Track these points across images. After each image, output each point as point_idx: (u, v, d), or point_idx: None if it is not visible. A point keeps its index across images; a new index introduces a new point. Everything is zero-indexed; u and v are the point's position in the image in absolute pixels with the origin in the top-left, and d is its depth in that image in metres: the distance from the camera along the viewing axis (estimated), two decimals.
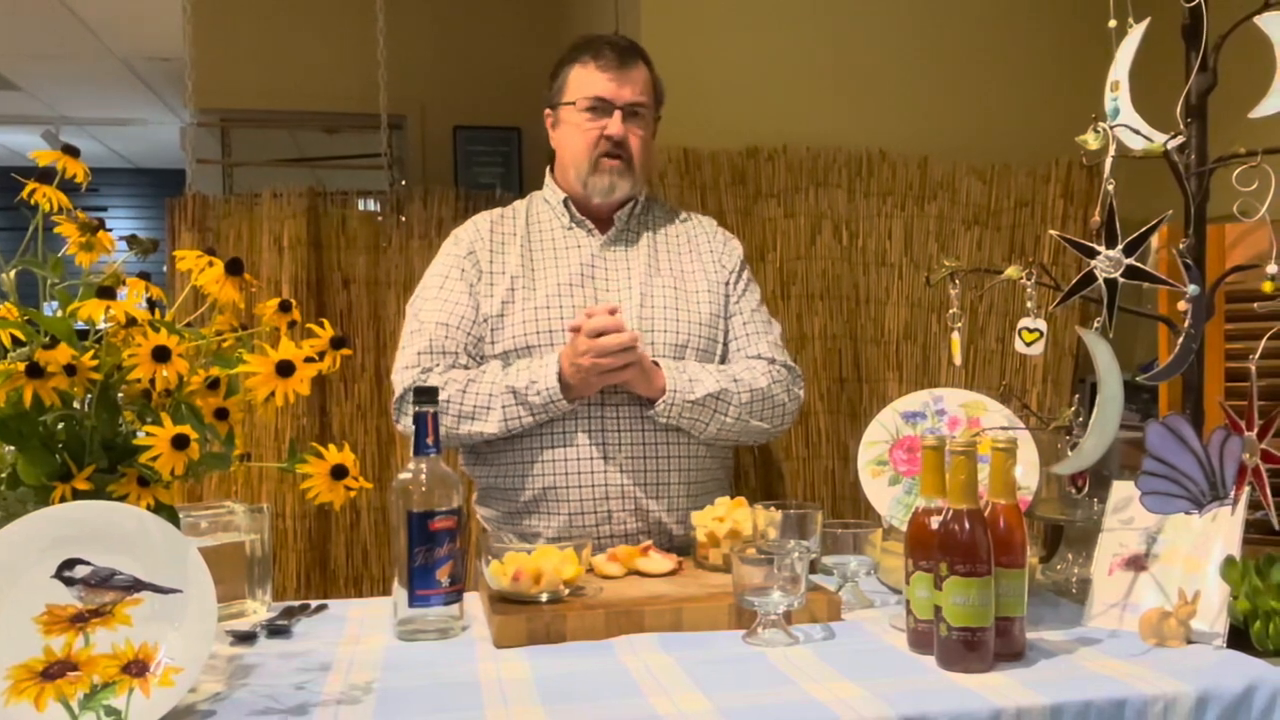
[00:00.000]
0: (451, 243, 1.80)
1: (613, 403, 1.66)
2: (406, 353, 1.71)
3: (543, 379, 1.60)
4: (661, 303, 1.73)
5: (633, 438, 1.65)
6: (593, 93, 1.72)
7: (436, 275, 1.76)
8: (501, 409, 1.62)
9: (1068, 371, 2.66)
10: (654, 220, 1.84)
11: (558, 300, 1.70)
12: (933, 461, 1.19)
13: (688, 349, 1.73)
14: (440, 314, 1.70)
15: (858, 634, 1.27)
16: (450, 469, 1.29)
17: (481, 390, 1.63)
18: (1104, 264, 1.29)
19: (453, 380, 1.65)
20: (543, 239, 1.79)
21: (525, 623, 1.23)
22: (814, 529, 1.36)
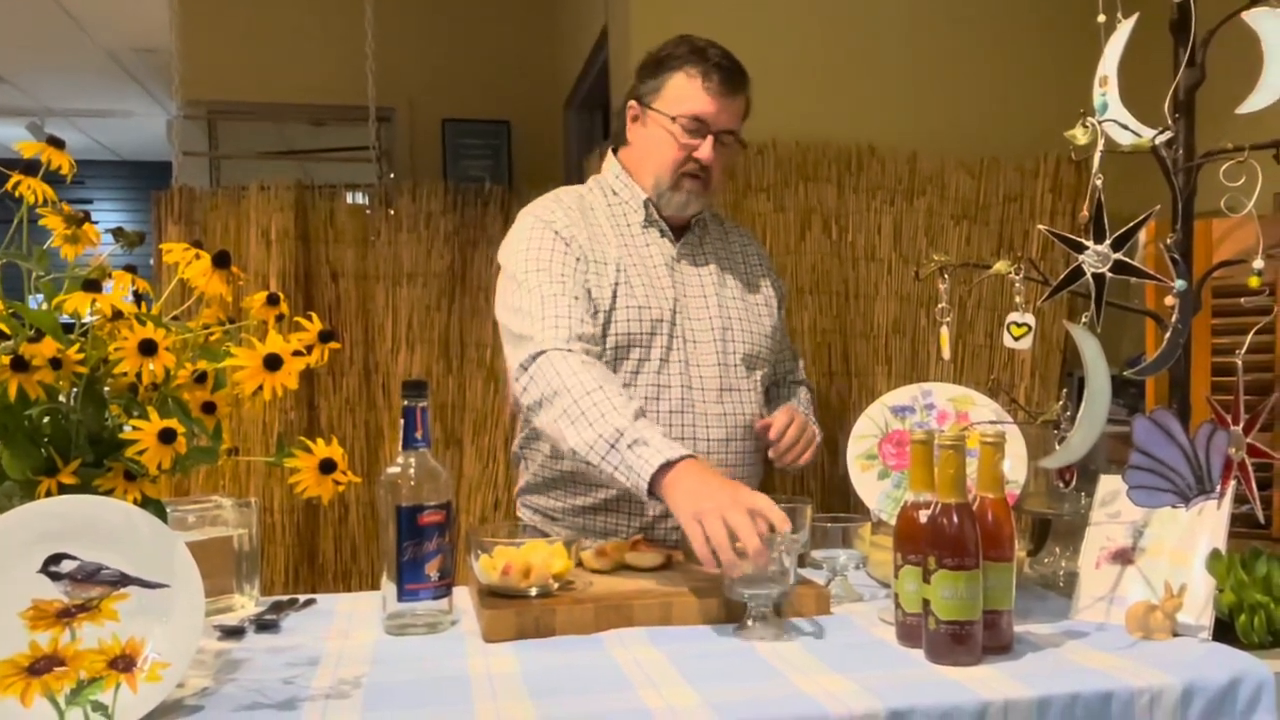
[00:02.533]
0: (544, 215, 1.66)
1: (701, 406, 1.66)
2: (544, 312, 1.55)
3: (651, 454, 1.35)
4: (736, 314, 1.74)
5: (719, 446, 1.67)
6: (693, 111, 1.65)
7: (541, 248, 1.62)
8: (597, 435, 1.40)
9: (1056, 366, 2.67)
10: (710, 229, 1.82)
11: (654, 299, 1.66)
12: (921, 455, 1.19)
13: (757, 360, 1.74)
14: (565, 284, 1.58)
15: (846, 627, 1.27)
16: (439, 464, 1.29)
17: (601, 406, 1.42)
18: (1092, 259, 1.29)
19: (589, 371, 1.47)
20: (620, 232, 1.71)
21: (514, 617, 1.23)
22: (803, 523, 1.36)
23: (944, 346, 1.45)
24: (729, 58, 1.69)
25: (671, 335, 1.67)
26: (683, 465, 1.34)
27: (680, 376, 1.66)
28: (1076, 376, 2.60)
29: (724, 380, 1.69)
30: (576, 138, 4.17)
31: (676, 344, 1.67)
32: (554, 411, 1.46)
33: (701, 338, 1.69)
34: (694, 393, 1.66)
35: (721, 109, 1.66)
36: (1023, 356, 2.63)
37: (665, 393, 1.65)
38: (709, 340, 1.69)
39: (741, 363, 1.72)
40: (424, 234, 2.89)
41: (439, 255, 2.89)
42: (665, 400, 1.65)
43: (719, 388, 1.68)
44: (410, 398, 1.28)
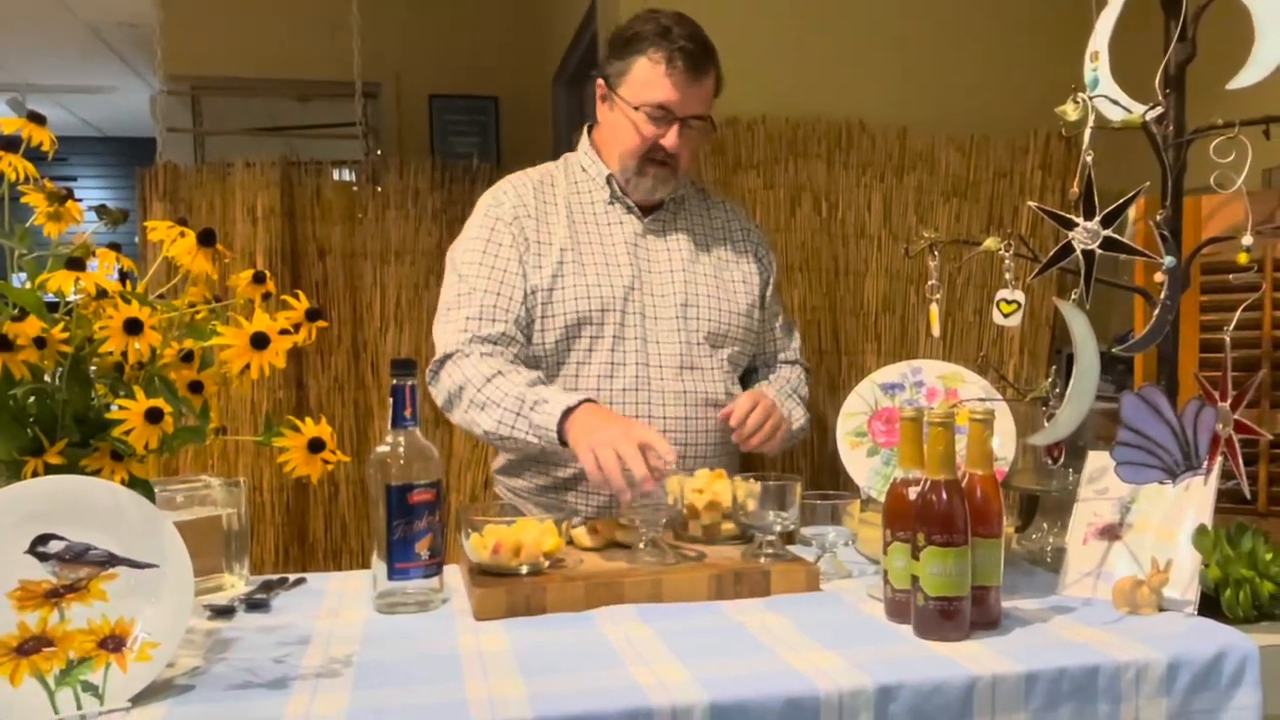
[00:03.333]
0: (493, 204, 1.71)
1: (658, 383, 1.66)
2: (453, 315, 1.65)
3: (553, 407, 1.51)
4: (704, 290, 1.73)
5: (677, 424, 1.67)
6: (657, 99, 1.64)
7: (478, 239, 1.68)
8: (503, 411, 1.55)
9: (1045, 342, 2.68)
10: (690, 204, 1.82)
11: (607, 277, 1.67)
12: (911, 433, 1.20)
13: (727, 339, 1.74)
14: (490, 280, 1.65)
15: (836, 604, 1.28)
16: (429, 442, 1.29)
17: (502, 387, 1.56)
18: (1082, 235, 1.30)
19: (488, 363, 1.60)
20: (584, 211, 1.73)
21: (505, 595, 1.23)
22: (793, 500, 1.37)
23: (933, 323, 1.45)
24: (695, 37, 1.65)
25: (625, 312, 1.67)
26: (581, 410, 1.50)
27: (637, 354, 1.66)
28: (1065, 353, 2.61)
29: (685, 358, 1.69)
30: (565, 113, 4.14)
31: (633, 320, 1.67)
32: (462, 405, 1.60)
33: (662, 314, 1.70)
34: (651, 370, 1.66)
35: (687, 96, 1.64)
36: (1012, 333, 2.64)
37: (620, 370, 1.66)
38: (670, 316, 1.70)
39: (705, 340, 1.71)
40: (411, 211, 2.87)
41: (427, 233, 2.87)
42: (620, 377, 1.66)
43: (679, 365, 1.68)
44: (399, 376, 1.28)
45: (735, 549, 1.43)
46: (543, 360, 1.67)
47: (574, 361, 1.66)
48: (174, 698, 0.98)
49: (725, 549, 1.43)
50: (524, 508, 1.66)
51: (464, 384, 1.59)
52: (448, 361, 1.63)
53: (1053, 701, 1.04)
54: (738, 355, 1.77)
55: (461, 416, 1.62)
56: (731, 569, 1.32)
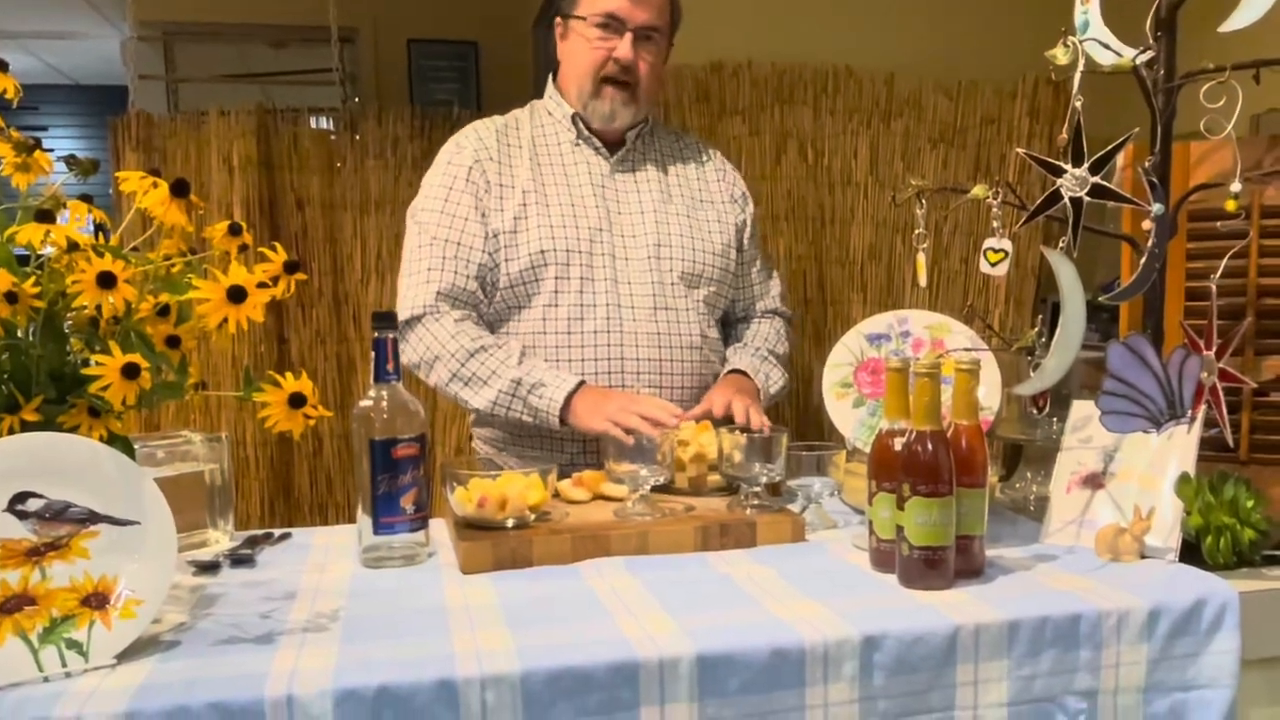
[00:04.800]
0: (454, 150, 1.72)
1: (631, 325, 1.66)
2: (416, 268, 1.66)
3: (552, 392, 1.58)
4: (677, 230, 1.73)
5: (651, 366, 1.67)
6: (606, 9, 1.64)
7: (440, 186, 1.69)
8: (497, 393, 1.61)
9: (1031, 291, 2.69)
10: (660, 143, 1.81)
11: (572, 219, 1.67)
12: (897, 384, 1.20)
13: (702, 279, 1.73)
14: (450, 230, 1.65)
15: (821, 554, 1.29)
16: (412, 395, 1.29)
17: (488, 364, 1.61)
18: (1070, 182, 1.29)
19: (464, 334, 1.62)
20: (549, 152, 1.73)
21: (491, 548, 1.24)
22: (779, 452, 1.37)
23: (920, 273, 1.45)
24: None
25: (594, 253, 1.67)
26: (580, 394, 1.57)
27: (607, 295, 1.66)
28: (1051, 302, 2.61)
29: (658, 298, 1.69)
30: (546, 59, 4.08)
31: (602, 261, 1.67)
32: (440, 375, 1.63)
33: (634, 254, 1.69)
34: (623, 311, 1.66)
35: (636, 3, 1.65)
36: (998, 282, 2.64)
37: (590, 312, 1.66)
38: (642, 256, 1.69)
39: (680, 280, 1.71)
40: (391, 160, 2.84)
41: (407, 183, 2.84)
42: (590, 320, 1.65)
43: (652, 306, 1.68)
44: (380, 329, 1.27)
45: (721, 501, 1.43)
46: (508, 304, 1.67)
47: (540, 304, 1.66)
48: (160, 654, 0.98)
49: (711, 501, 1.44)
50: (499, 458, 1.68)
51: (440, 355, 1.62)
52: (417, 325, 1.63)
53: (1035, 649, 1.06)
54: (714, 296, 1.77)
55: (439, 385, 1.64)
56: (717, 521, 1.33)
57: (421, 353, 1.63)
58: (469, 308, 1.66)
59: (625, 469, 1.37)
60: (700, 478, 1.48)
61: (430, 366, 1.63)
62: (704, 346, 1.73)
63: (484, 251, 1.65)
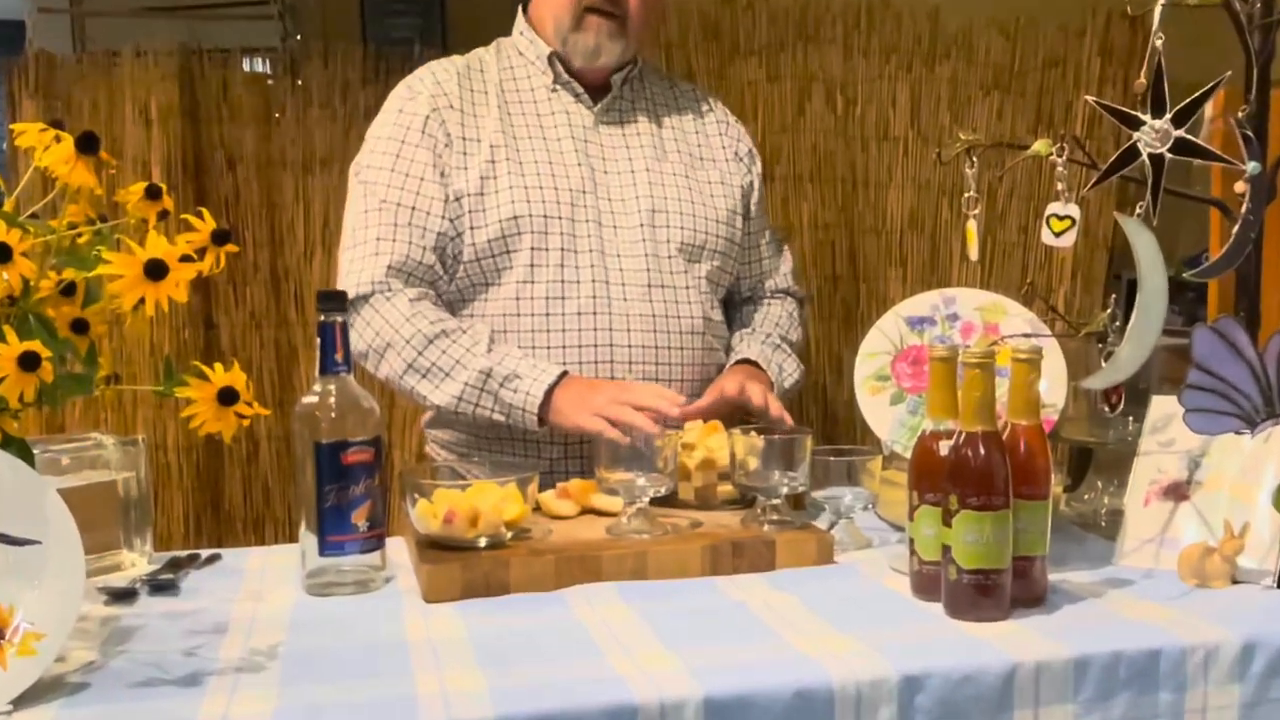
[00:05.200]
0: (406, 96, 1.71)
1: (621, 305, 1.66)
2: (362, 238, 1.65)
3: (529, 384, 1.57)
4: (675, 194, 1.73)
5: (645, 354, 1.67)
6: None
7: (389, 140, 1.68)
8: (462, 386, 1.60)
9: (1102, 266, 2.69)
10: (653, 91, 1.81)
11: (550, 178, 1.67)
12: (942, 376, 1.20)
13: (704, 251, 1.74)
14: (402, 192, 1.65)
15: (852, 578, 1.29)
16: (365, 390, 1.28)
17: (450, 352, 1.60)
18: (1148, 136, 1.29)
19: (421, 317, 1.61)
20: (522, 100, 1.73)
21: (460, 572, 1.23)
22: (802, 457, 1.37)
23: (970, 245, 1.45)
24: None
25: (576, 220, 1.66)
26: (562, 386, 1.56)
27: (593, 270, 1.66)
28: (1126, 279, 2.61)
29: (653, 274, 1.68)
30: None
31: (587, 230, 1.67)
32: (394, 366, 1.62)
33: (624, 221, 1.69)
34: (612, 289, 1.66)
35: None
36: (1063, 256, 2.64)
37: (572, 289, 1.65)
38: (633, 225, 1.69)
39: (679, 253, 1.71)
40: (340, 110, 2.83)
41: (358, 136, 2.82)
42: (572, 299, 1.65)
43: (646, 284, 1.68)
44: (328, 311, 1.26)
45: (734, 515, 1.43)
46: (474, 281, 1.67)
47: (514, 281, 1.65)
48: (65, 698, 0.98)
49: (722, 515, 1.44)
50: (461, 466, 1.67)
51: (392, 342, 1.61)
52: (364, 306, 1.62)
53: (1106, 691, 1.06)
54: (717, 272, 1.77)
55: (391, 377, 1.64)
56: (729, 539, 1.33)
57: (370, 339, 1.62)
58: (426, 285, 1.66)
59: (619, 477, 1.37)
60: (709, 488, 1.48)
61: (380, 356, 1.63)
62: (707, 331, 1.73)
63: (444, 218, 1.65)
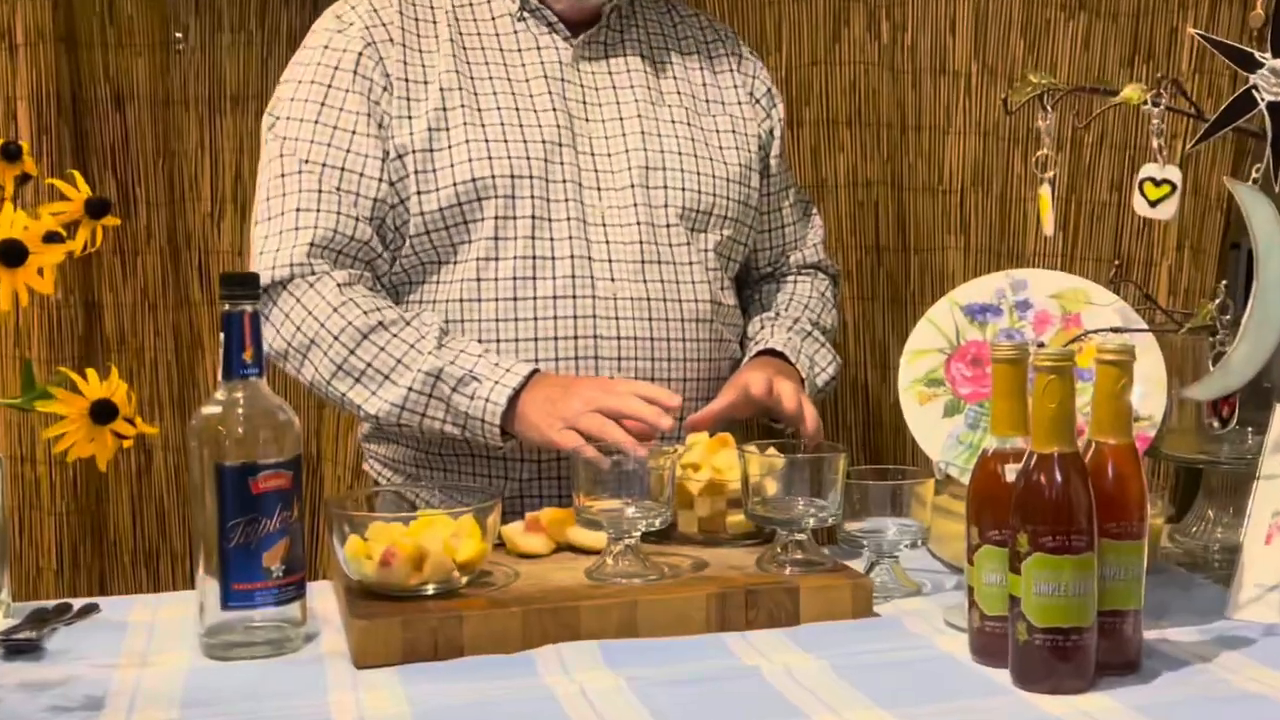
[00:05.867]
0: (334, 28, 1.72)
1: (607, 287, 1.66)
2: (278, 208, 1.65)
3: (489, 389, 1.56)
4: (674, 147, 1.74)
5: (639, 349, 1.67)
6: None
7: (314, 84, 1.69)
8: (405, 393, 1.59)
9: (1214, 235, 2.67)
10: (646, 19, 1.82)
11: (517, 130, 1.67)
12: (1009, 381, 1.20)
13: (711, 219, 1.74)
14: (329, 150, 1.65)
15: (896, 636, 1.29)
16: (281, 399, 1.28)
17: (391, 350, 1.60)
18: (1268, 80, 1.28)
19: (353, 307, 1.60)
20: (480, 32, 1.73)
21: (401, 629, 1.23)
22: (833, 480, 1.37)
23: (1044, 217, 1.44)
24: None
25: (551, 181, 1.67)
26: (530, 389, 1.55)
27: (573, 243, 1.66)
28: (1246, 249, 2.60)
29: (648, 249, 1.69)
30: None
31: (564, 193, 1.67)
32: (320, 368, 1.62)
33: (611, 182, 1.70)
34: (596, 268, 1.66)
35: None
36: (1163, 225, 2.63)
37: (546, 269, 1.65)
38: (622, 186, 1.70)
39: (680, 221, 1.71)
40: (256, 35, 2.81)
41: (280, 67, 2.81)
42: (546, 281, 1.65)
43: (638, 259, 1.68)
44: (234, 299, 1.26)
45: (747, 554, 1.43)
46: (422, 260, 1.68)
47: (472, 259, 1.66)
48: None
49: (732, 554, 1.44)
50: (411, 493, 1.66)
51: (317, 339, 1.61)
52: (281, 294, 1.63)
53: None
54: (729, 244, 1.77)
55: (317, 382, 1.64)
56: (741, 585, 1.32)
57: (289, 335, 1.63)
58: (360, 265, 1.66)
59: (602, 506, 1.37)
60: (716, 519, 1.49)
61: (303, 356, 1.63)
62: (715, 319, 1.73)
63: (381, 181, 1.65)
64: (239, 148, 2.81)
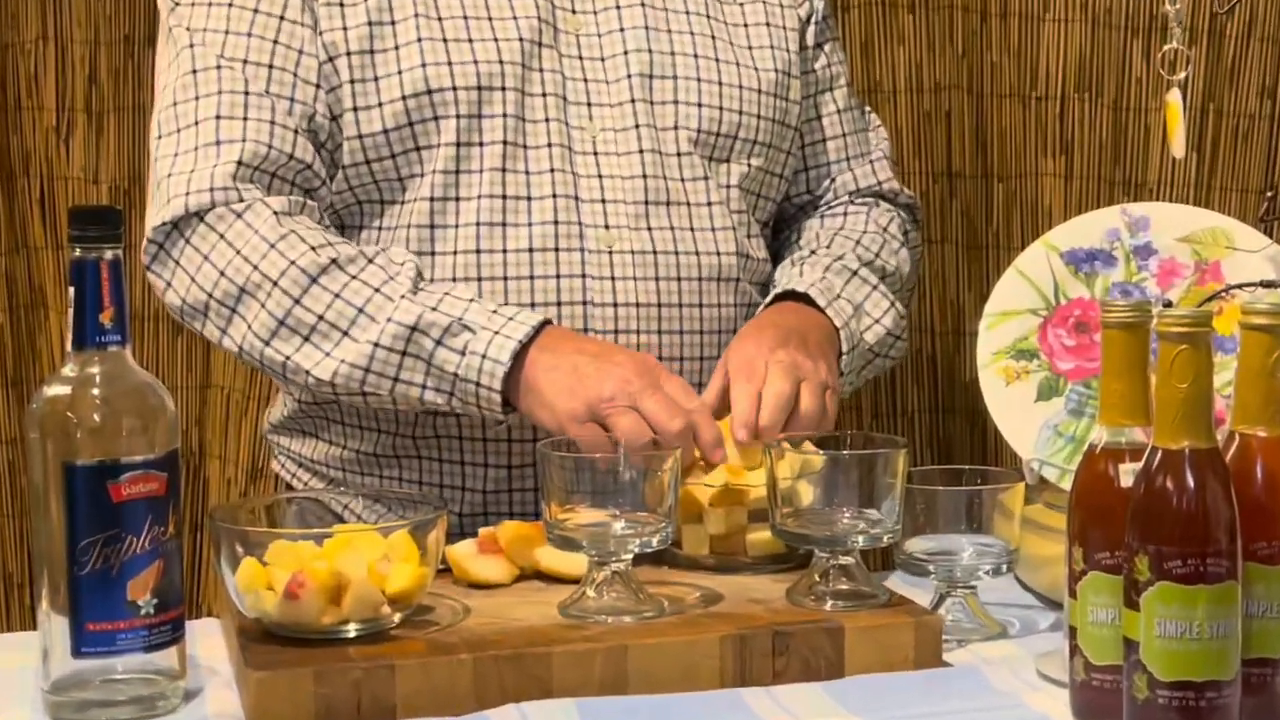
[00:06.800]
0: None
1: (598, 236, 1.68)
2: (189, 118, 1.66)
3: (487, 341, 1.57)
4: (686, 49, 1.76)
5: (640, 317, 1.69)
6: None
7: None
8: (371, 347, 1.58)
9: None
10: None
11: (484, 23, 1.69)
12: (1125, 353, 1.20)
13: (736, 143, 1.76)
14: (253, 46, 1.66)
15: (973, 694, 1.29)
16: (152, 376, 1.28)
17: (349, 296, 1.59)
18: None
19: (296, 242, 1.61)
20: None
21: (313, 684, 1.23)
22: (889, 485, 1.37)
23: (1173, 133, 1.44)
24: None
25: (528, 94, 1.69)
26: (540, 348, 1.55)
27: (556, 178, 1.69)
28: None
29: (653, 184, 1.71)
30: None
31: (545, 110, 1.70)
32: (256, 325, 1.62)
33: (604, 96, 1.73)
34: (584, 210, 1.69)
35: None
36: None
37: (520, 211, 1.68)
38: (620, 101, 1.72)
39: (695, 148, 1.74)
40: None
41: None
42: (519, 229, 1.67)
43: (640, 199, 1.70)
44: (86, 241, 1.26)
45: (775, 583, 1.44)
46: (362, 198, 1.70)
47: (424, 197, 1.68)
48: None
49: (754, 583, 1.45)
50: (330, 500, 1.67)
51: (250, 285, 1.61)
52: (199, 226, 1.63)
53: None
54: (760, 178, 1.80)
55: (250, 346, 1.64)
56: (767, 625, 1.33)
57: (210, 284, 1.63)
58: (299, 193, 1.67)
59: (582, 519, 1.37)
60: (734, 537, 1.50)
61: (230, 310, 1.63)
62: (742, 277, 1.75)
63: (320, 87, 1.67)
64: (93, 38, 2.80)
